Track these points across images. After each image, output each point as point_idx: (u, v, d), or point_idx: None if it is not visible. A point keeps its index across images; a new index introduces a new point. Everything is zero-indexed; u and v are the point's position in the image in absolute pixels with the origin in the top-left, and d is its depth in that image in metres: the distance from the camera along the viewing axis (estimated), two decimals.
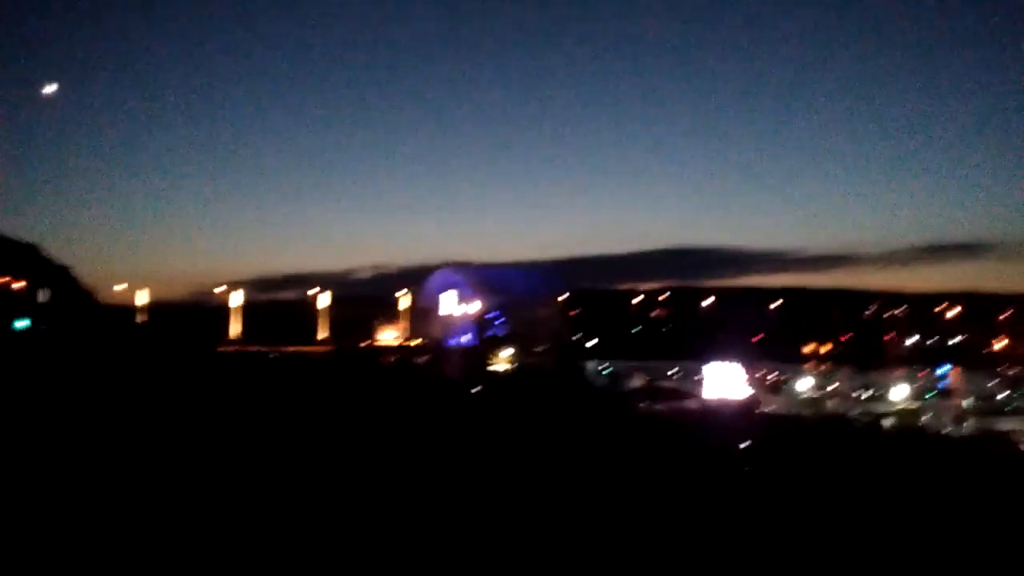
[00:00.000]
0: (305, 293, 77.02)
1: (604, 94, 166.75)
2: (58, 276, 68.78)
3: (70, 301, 65.08)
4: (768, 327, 75.72)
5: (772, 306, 79.85)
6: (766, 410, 33.53)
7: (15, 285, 60.49)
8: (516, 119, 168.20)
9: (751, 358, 59.84)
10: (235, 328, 68.94)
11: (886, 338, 77.46)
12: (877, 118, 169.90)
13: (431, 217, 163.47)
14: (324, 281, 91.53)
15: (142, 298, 69.67)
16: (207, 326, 64.29)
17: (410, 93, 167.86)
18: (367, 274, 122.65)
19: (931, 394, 59.42)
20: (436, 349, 67.72)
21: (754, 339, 70.09)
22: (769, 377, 60.28)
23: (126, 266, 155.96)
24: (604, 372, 61.44)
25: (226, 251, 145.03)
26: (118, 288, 72.96)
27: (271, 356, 47.99)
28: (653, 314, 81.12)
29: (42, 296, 62.47)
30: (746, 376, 50.71)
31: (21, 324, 56.19)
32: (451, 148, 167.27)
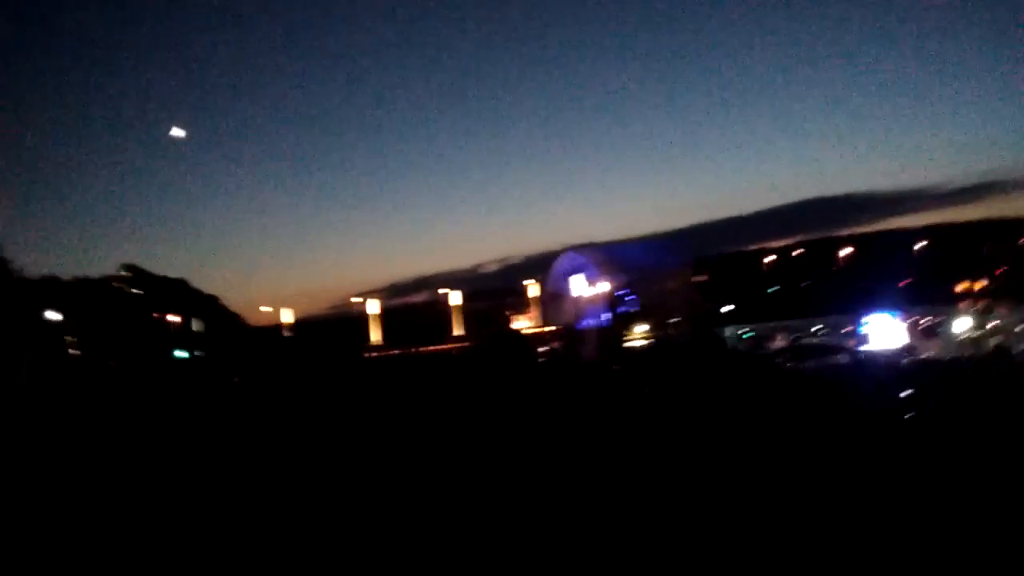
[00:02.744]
0: (437, 293, 78.92)
1: (713, 52, 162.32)
2: (208, 306, 73.06)
3: (221, 327, 69.01)
4: (915, 270, 71.85)
5: (917, 247, 75.74)
6: (923, 356, 31.74)
7: (171, 318, 64.66)
8: (623, 91, 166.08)
9: (900, 304, 56.86)
10: (375, 334, 71.25)
11: None
12: (1010, 37, 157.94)
13: (550, 202, 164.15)
14: (454, 279, 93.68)
15: (287, 316, 73.09)
16: (350, 335, 66.76)
17: (517, 83, 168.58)
18: (494, 267, 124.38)
19: None
20: (569, 332, 67.83)
21: (901, 284, 66.65)
22: (922, 322, 57.13)
23: (268, 288, 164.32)
24: (744, 336, 59.88)
25: (359, 262, 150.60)
26: (264, 310, 76.98)
27: (417, 360, 49.29)
28: (789, 271, 78.47)
29: (195, 326, 66.49)
30: (897, 324, 48.19)
31: (180, 354, 60.14)
32: (561, 129, 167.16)
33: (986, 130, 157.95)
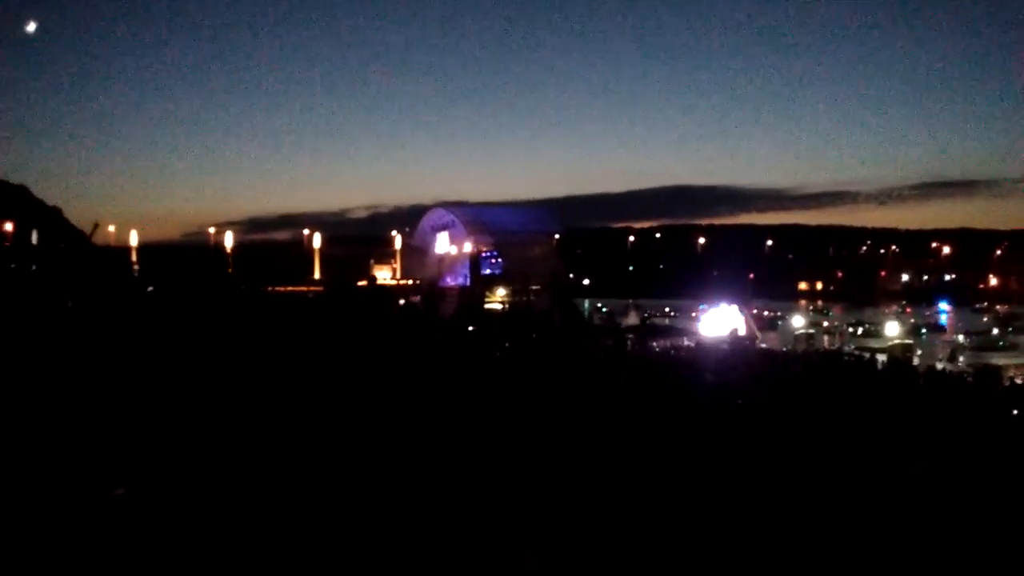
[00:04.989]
0: (300, 233, 76.75)
1: (600, 32, 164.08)
2: (50, 217, 68.03)
3: (62, 242, 64.55)
4: (763, 264, 75.83)
5: (767, 244, 79.92)
6: (761, 346, 33.61)
7: (5, 226, 59.83)
8: (512, 57, 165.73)
9: (746, 295, 59.92)
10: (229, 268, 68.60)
11: (881, 275, 77.75)
12: (875, 57, 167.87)
13: (426, 157, 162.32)
14: (319, 221, 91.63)
15: (134, 239, 69.21)
16: (201, 266, 63.90)
17: (405, 32, 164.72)
18: (362, 214, 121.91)
19: (925, 330, 59.74)
20: (430, 288, 67.55)
21: (750, 276, 70.19)
22: (764, 314, 60.44)
23: (118, 207, 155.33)
24: (600, 310, 61.62)
25: (221, 191, 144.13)
26: (110, 229, 72.24)
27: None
28: (648, 252, 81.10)
29: (33, 238, 61.75)
30: (742, 314, 50.75)
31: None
32: (446, 88, 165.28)
33: (842, 143, 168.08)
